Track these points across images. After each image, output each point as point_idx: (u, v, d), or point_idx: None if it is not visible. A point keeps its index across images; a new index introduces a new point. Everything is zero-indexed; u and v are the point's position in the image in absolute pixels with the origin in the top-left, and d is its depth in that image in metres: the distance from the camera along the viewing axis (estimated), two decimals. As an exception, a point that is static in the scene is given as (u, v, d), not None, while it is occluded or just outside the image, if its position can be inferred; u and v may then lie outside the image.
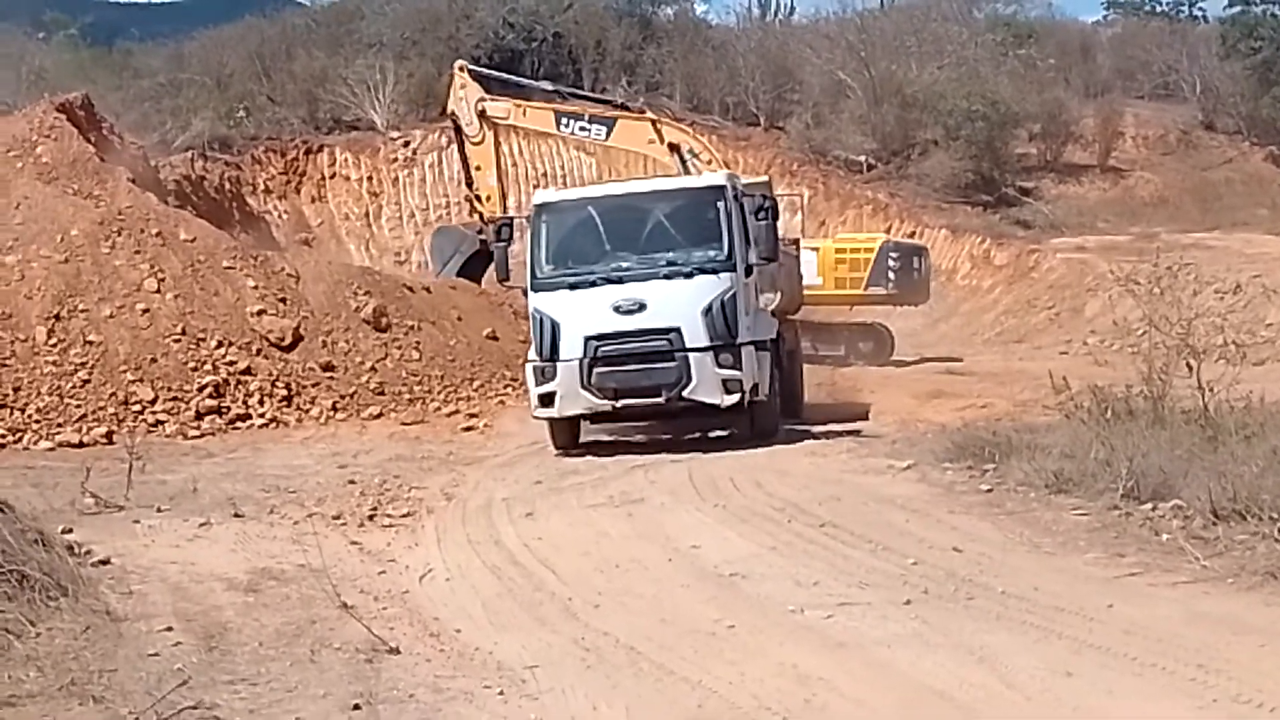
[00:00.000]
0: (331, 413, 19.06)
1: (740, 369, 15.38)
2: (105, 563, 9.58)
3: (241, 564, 9.96)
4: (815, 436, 15.88)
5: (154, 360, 18.84)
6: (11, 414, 17.79)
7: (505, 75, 23.82)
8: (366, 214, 38.24)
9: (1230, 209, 39.79)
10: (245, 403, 18.82)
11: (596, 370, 15.40)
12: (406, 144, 38.88)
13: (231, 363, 19.18)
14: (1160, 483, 10.26)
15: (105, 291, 19.52)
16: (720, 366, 15.35)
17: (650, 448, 15.64)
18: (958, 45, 43.94)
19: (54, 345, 18.68)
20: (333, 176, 38.58)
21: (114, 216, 20.64)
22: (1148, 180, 42.27)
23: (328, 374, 19.65)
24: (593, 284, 15.66)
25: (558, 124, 20.07)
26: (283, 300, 20.35)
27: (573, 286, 15.71)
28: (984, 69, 42.00)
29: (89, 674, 7.15)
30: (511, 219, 17.03)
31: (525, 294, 16.38)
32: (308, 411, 19.03)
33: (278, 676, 7.29)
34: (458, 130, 20.59)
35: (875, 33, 44.44)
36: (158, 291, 19.73)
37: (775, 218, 16.31)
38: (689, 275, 15.63)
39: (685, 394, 15.39)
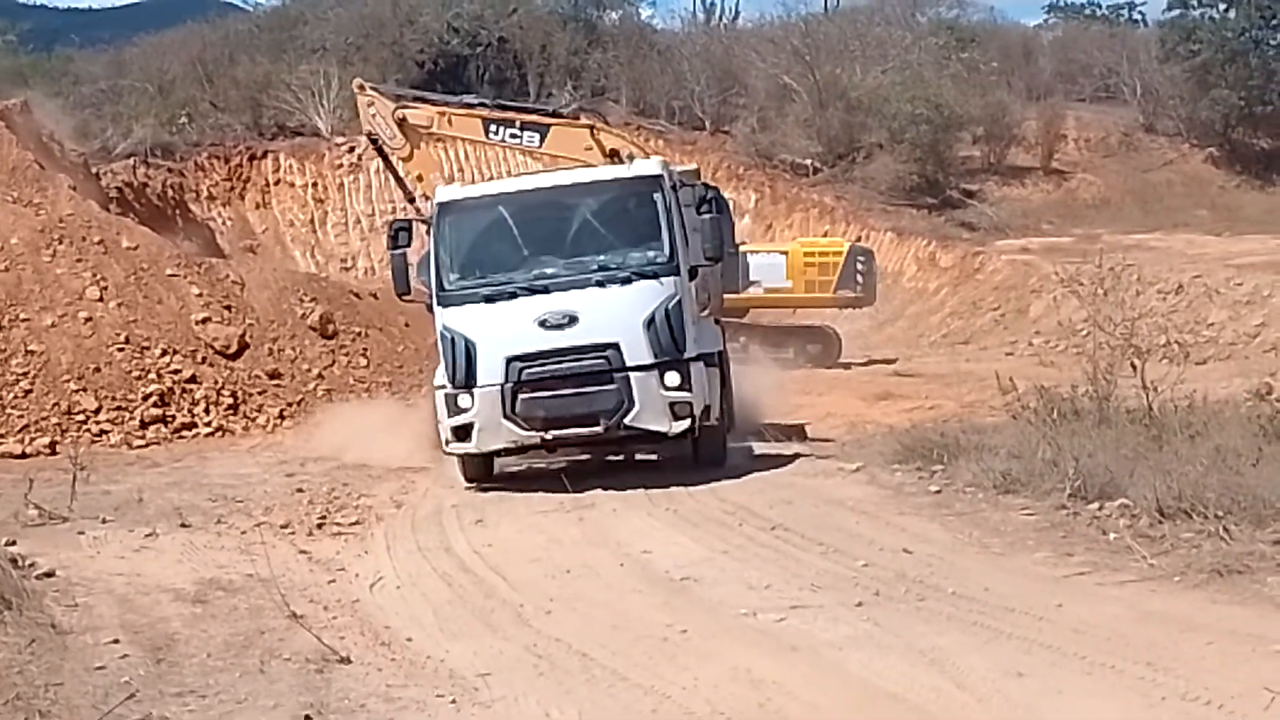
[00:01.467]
0: (279, 420, 18.93)
1: (689, 389, 13.35)
2: (50, 575, 9.45)
3: (189, 575, 9.85)
4: (765, 439, 15.85)
5: (97, 369, 18.63)
6: (-48, 425, 17.55)
7: (416, 91, 22.42)
8: (312, 220, 38.05)
9: (1171, 210, 40.29)
10: (190, 411, 18.65)
11: (521, 397, 13.28)
12: (351, 149, 38.70)
13: (176, 371, 19.00)
14: (1107, 482, 10.35)
15: (47, 300, 19.29)
16: (666, 388, 13.33)
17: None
18: (901, 49, 44.25)
19: (-5, 355, 18.43)
20: (277, 183, 38.37)
21: (55, 224, 20.41)
22: (1090, 182, 42.72)
23: (274, 381, 19.52)
24: (512, 295, 13.54)
25: (486, 131, 18.27)
26: (228, 308, 20.20)
27: (489, 299, 13.56)
28: (927, 72, 42.31)
29: (34, 688, 7.05)
30: (408, 221, 14.75)
31: (430, 309, 14.18)
32: (254, 420, 18.89)
33: (227, 688, 7.22)
34: (380, 151, 19.14)
35: (819, 37, 44.69)
36: (100, 300, 19.53)
37: (721, 210, 14.50)
38: (625, 281, 13.55)
39: (627, 421, 13.28)
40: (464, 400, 13.45)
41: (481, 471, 13.96)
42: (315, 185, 38.41)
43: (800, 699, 6.74)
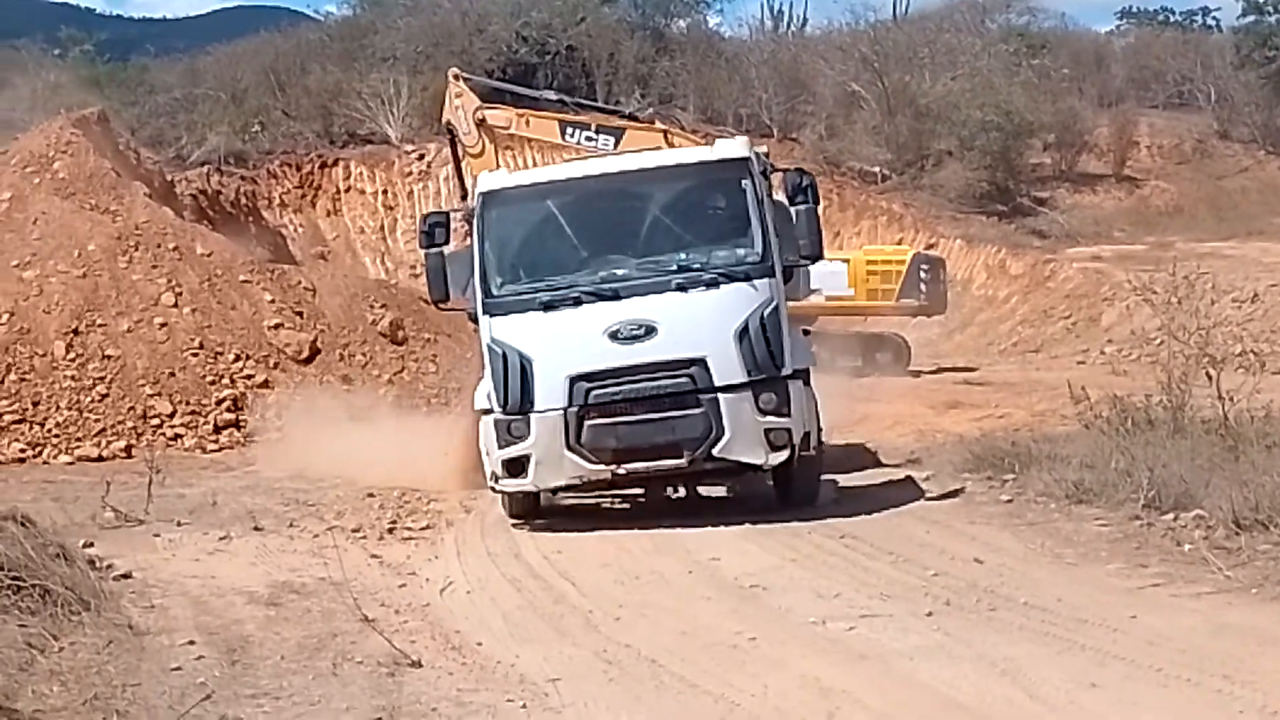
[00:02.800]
0: (351, 426, 19.06)
1: (788, 413, 11.47)
2: (126, 577, 9.60)
3: (262, 577, 9.97)
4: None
5: (172, 374, 18.89)
6: (31, 429, 17.87)
7: (505, 85, 22.78)
8: (381, 227, 38.32)
9: (1246, 218, 39.72)
10: (263, 416, 18.85)
11: (589, 424, 11.46)
12: (421, 157, 38.95)
13: (249, 376, 19.24)
14: (1181, 493, 10.24)
15: (123, 306, 19.58)
16: (762, 411, 11.43)
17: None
18: (971, 56, 43.94)
19: (72, 360, 18.75)
20: (348, 190, 38.68)
21: (131, 231, 20.71)
22: (1163, 189, 42.22)
23: (345, 387, 19.69)
24: (576, 302, 11.60)
25: (562, 134, 18.27)
26: (299, 314, 20.41)
27: (547, 306, 11.59)
28: (997, 79, 41.97)
29: (112, 689, 7.16)
30: (444, 214, 12.74)
31: (473, 319, 12.19)
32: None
33: (300, 690, 7.29)
34: (454, 142, 19.02)
35: (888, 44, 44.48)
36: (175, 306, 19.80)
37: (816, 200, 12.12)
38: (712, 284, 11.62)
39: (716, 452, 11.40)
40: (518, 428, 11.57)
41: (526, 506, 12.32)
42: (385, 192, 38.68)
43: (870, 709, 6.72)
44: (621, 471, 11.58)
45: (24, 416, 17.99)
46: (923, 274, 28.24)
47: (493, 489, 12.21)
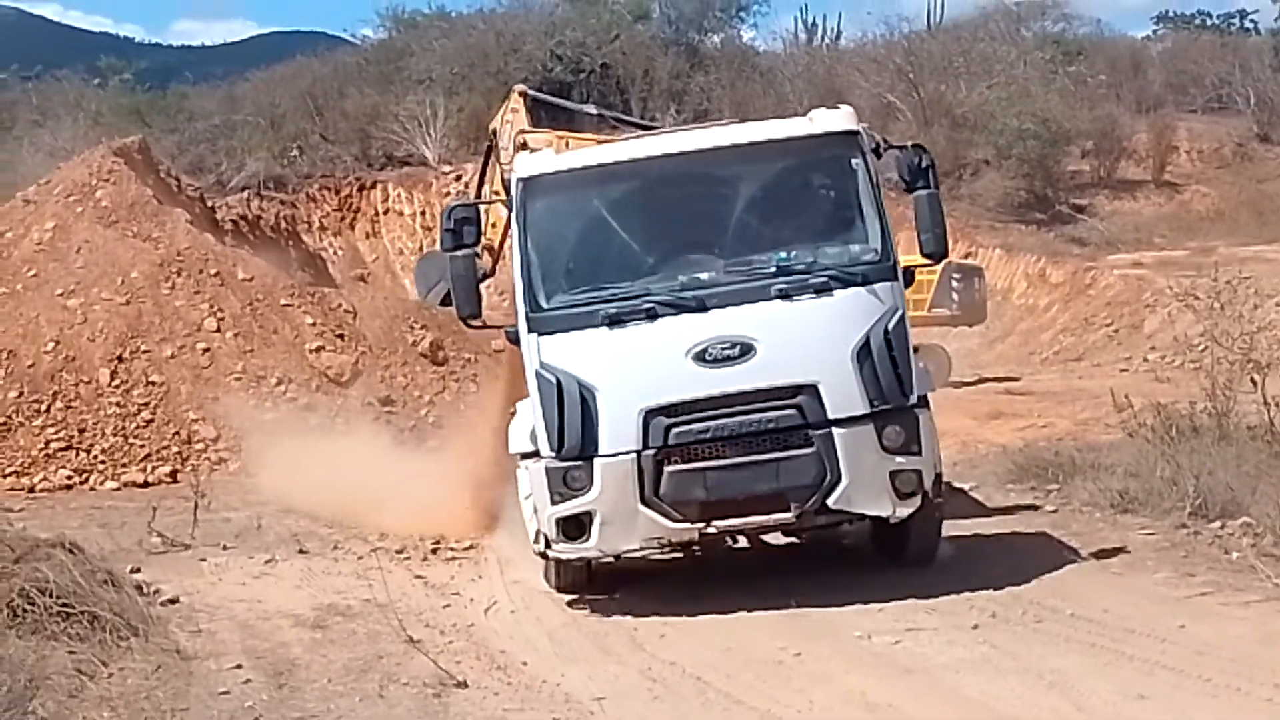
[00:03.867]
0: (391, 448, 19.13)
1: (919, 450, 9.34)
2: (174, 601, 9.69)
3: (308, 600, 10.03)
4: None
5: (215, 399, 19.02)
6: (78, 455, 18.01)
7: (556, 100, 22.63)
8: (420, 248, 38.36)
9: (1288, 221, 39.38)
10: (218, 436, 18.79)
11: (670, 471, 9.21)
12: (458, 178, 39.07)
13: (292, 399, 19.33)
14: (1228, 500, 10.17)
15: (166, 332, 19.72)
16: (888, 450, 9.26)
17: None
18: (1006, 64, 43.76)
19: (117, 386, 18.90)
20: (386, 212, 38.86)
21: (173, 258, 20.87)
22: (1203, 194, 41.90)
23: (386, 409, 19.76)
24: (650, 315, 9.34)
25: None
26: (340, 336, 20.50)
27: (613, 321, 9.34)
28: (1034, 87, 41.77)
29: (161, 713, 7.22)
30: (473, 206, 10.69)
31: (513, 339, 9.88)
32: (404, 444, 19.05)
33: (347, 712, 7.33)
34: (490, 149, 18.57)
35: (923, 54, 44.35)
36: (218, 330, 19.93)
37: (938, 185, 9.94)
38: (822, 290, 9.37)
39: (831, 502, 9.19)
40: (578, 478, 9.27)
41: (577, 575, 10.01)
42: (423, 214, 38.82)
43: (917, 722, 6.70)
44: (712, 530, 9.38)
45: (70, 444, 18.14)
46: (955, 283, 28.01)
47: (542, 555, 9.83)
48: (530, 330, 9.56)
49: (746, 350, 9.27)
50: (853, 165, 9.73)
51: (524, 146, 16.57)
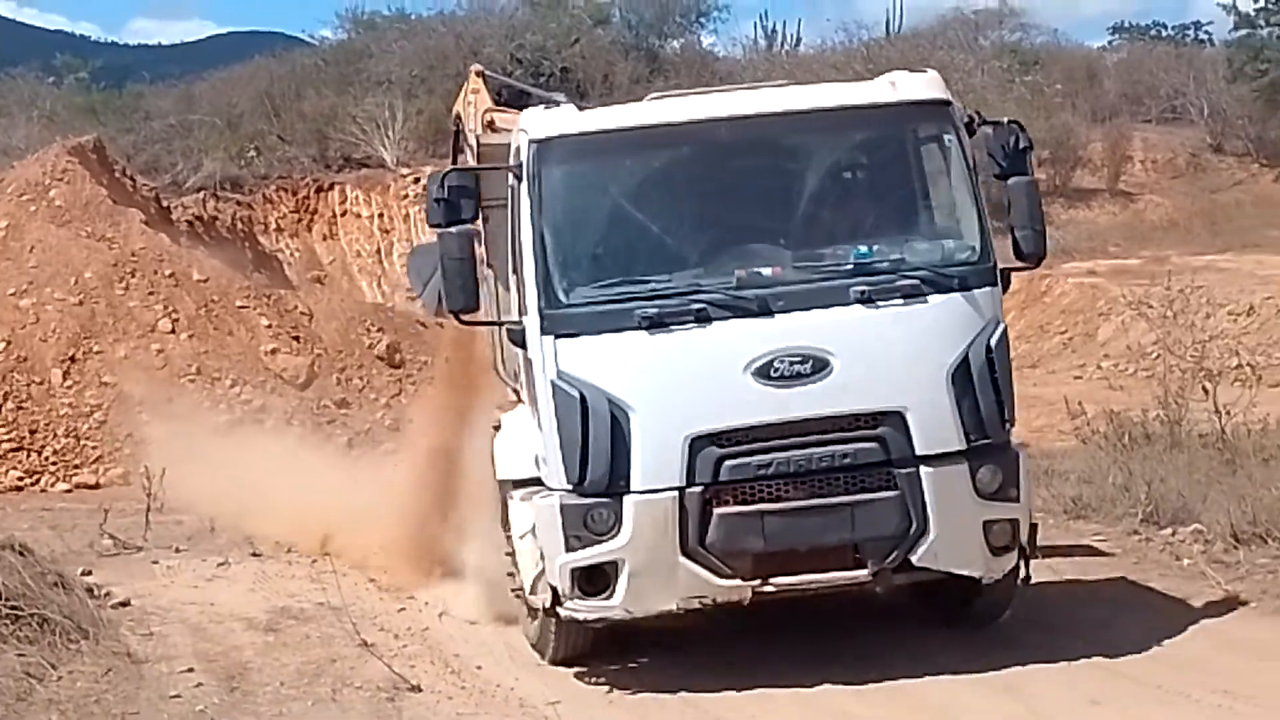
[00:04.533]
0: (347, 449, 19.05)
1: (1017, 496, 7.72)
2: (125, 604, 9.61)
3: (260, 603, 9.97)
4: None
5: (169, 400, 18.85)
6: (29, 456, 17.85)
7: (520, 85, 22.18)
8: (378, 251, 38.29)
9: (1241, 231, 39.72)
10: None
11: (721, 514, 7.51)
12: (417, 180, 38.89)
13: (247, 401, 19.21)
14: (1179, 507, 10.26)
15: (120, 333, 19.57)
16: (983, 494, 7.62)
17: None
18: (964, 73, 44.01)
19: (70, 387, 18.73)
20: (344, 214, 38.68)
21: (127, 258, 20.71)
22: (1157, 203, 42.27)
23: (342, 411, 19.68)
24: (700, 317, 7.62)
25: None
26: (296, 339, 20.40)
27: (653, 323, 7.58)
28: (991, 95, 41.97)
29: (111, 717, 7.17)
30: (471, 173, 8.73)
31: (518, 342, 8.10)
32: (322, 450, 19.00)
33: (299, 716, 7.29)
34: (458, 135, 17.89)
35: (882, 61, 44.46)
36: (172, 332, 19.79)
37: (1033, 170, 8.49)
38: (913, 295, 7.72)
39: (916, 559, 7.53)
40: (602, 517, 7.51)
41: (585, 642, 8.11)
42: (382, 216, 38.69)
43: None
44: (768, 588, 7.53)
45: (21, 444, 17.96)
46: None
47: (546, 611, 7.89)
48: (545, 331, 7.66)
49: (820, 366, 7.50)
50: (946, 143, 8.03)
51: (490, 125, 15.79)
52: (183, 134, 39.09)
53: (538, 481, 7.90)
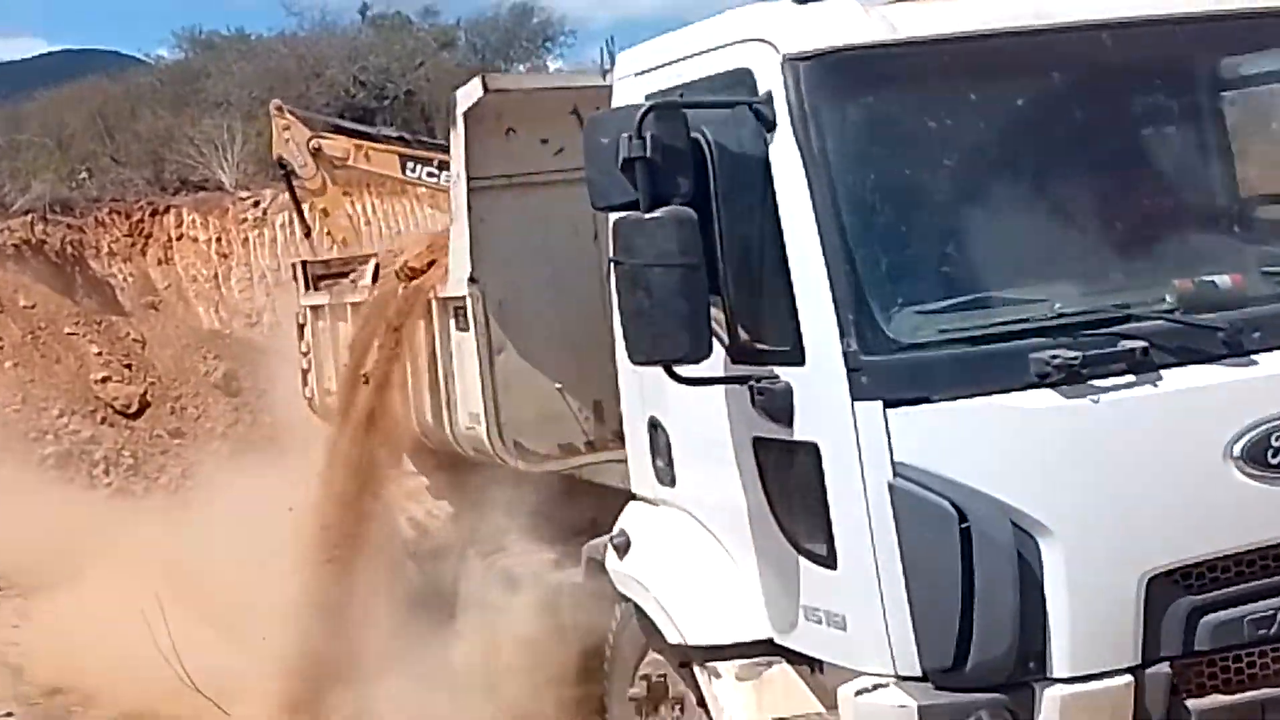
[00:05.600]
0: (182, 481, 18.59)
1: None
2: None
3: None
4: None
5: (-8, 432, 18.23)
6: None
7: (343, 123, 21.14)
8: (216, 275, 37.45)
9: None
10: (90, 474, 18.28)
11: (1199, 710, 4.72)
12: (256, 204, 38.24)
13: (75, 431, 18.67)
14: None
15: (-60, 361, 18.85)
16: None
17: None
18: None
19: (-116, 418, 17.97)
20: (180, 238, 37.78)
21: (-52, 283, 19.98)
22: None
23: (177, 441, 19.19)
24: (1135, 365, 4.63)
25: (403, 168, 15.78)
26: (128, 366, 19.87)
27: (1069, 376, 4.56)
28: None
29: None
30: (679, 104, 4.92)
31: (777, 412, 4.98)
32: (156, 480, 18.53)
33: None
34: (288, 176, 17.31)
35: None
36: (-4, 360, 19.13)
37: None
38: None
39: None
40: None
41: None
42: (219, 240, 37.86)
43: None
44: None
45: None
46: None
47: None
48: (861, 393, 4.68)
49: None
50: None
51: (317, 152, 14.93)
52: (10, 155, 37.91)
53: (769, 646, 5.14)
